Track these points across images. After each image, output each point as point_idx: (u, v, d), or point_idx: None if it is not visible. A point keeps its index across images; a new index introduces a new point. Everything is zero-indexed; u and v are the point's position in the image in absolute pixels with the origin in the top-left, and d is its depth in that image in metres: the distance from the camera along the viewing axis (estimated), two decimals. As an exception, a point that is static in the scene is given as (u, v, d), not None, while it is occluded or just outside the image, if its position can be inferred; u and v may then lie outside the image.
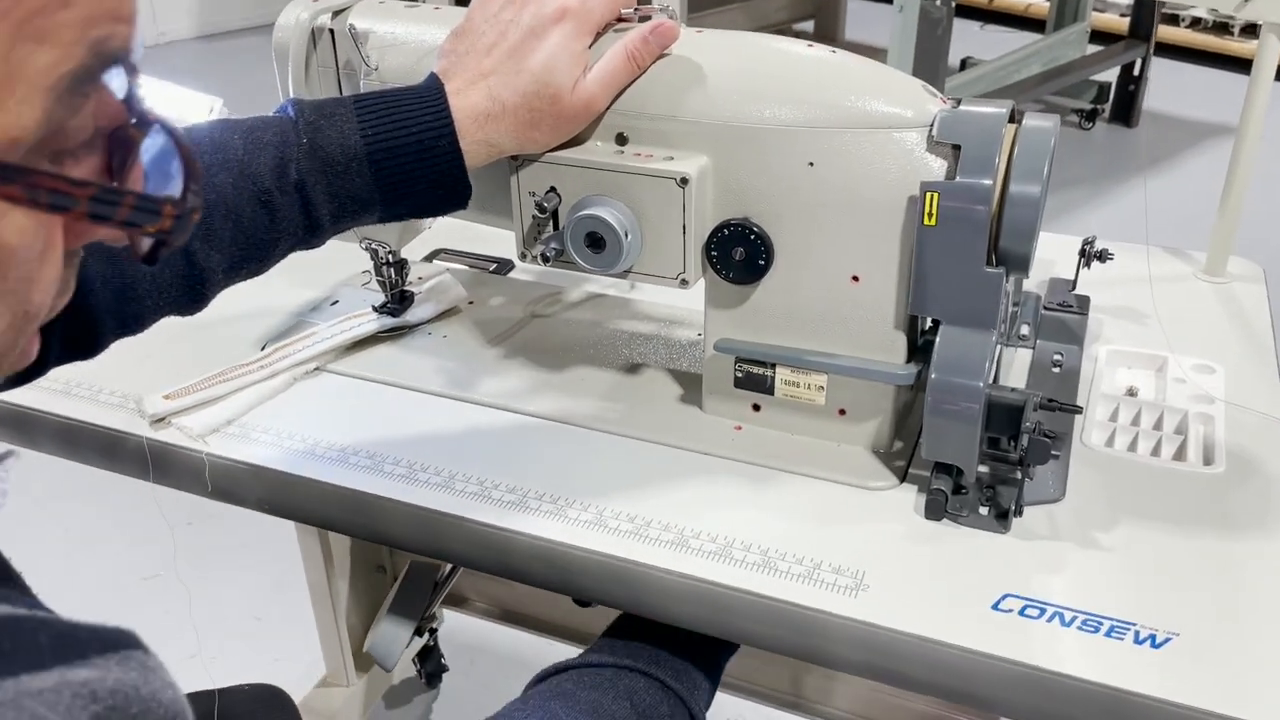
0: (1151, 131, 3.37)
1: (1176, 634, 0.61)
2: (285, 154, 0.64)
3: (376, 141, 0.65)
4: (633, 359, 0.89)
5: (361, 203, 0.66)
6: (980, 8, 4.12)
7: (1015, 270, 0.69)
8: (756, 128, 0.69)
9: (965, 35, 3.71)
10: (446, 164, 0.67)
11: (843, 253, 0.71)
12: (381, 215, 0.68)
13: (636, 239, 0.72)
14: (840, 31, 3.98)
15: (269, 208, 0.64)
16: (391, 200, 0.67)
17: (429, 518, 0.72)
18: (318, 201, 0.65)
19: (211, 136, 0.64)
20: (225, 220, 0.64)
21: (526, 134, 0.69)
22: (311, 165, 0.64)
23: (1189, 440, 0.78)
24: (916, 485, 0.74)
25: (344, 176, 0.65)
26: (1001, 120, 0.67)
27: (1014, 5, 4.09)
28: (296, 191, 0.65)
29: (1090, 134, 3.33)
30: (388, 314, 0.92)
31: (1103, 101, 3.36)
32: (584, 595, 0.71)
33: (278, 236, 0.66)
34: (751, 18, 3.65)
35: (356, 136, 0.65)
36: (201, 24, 4.18)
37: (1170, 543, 0.68)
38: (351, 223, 0.68)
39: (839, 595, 0.65)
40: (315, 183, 0.65)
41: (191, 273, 0.65)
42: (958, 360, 0.69)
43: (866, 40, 3.87)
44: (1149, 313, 0.93)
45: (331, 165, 0.65)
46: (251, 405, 0.83)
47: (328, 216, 0.66)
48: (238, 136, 0.65)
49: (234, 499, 0.79)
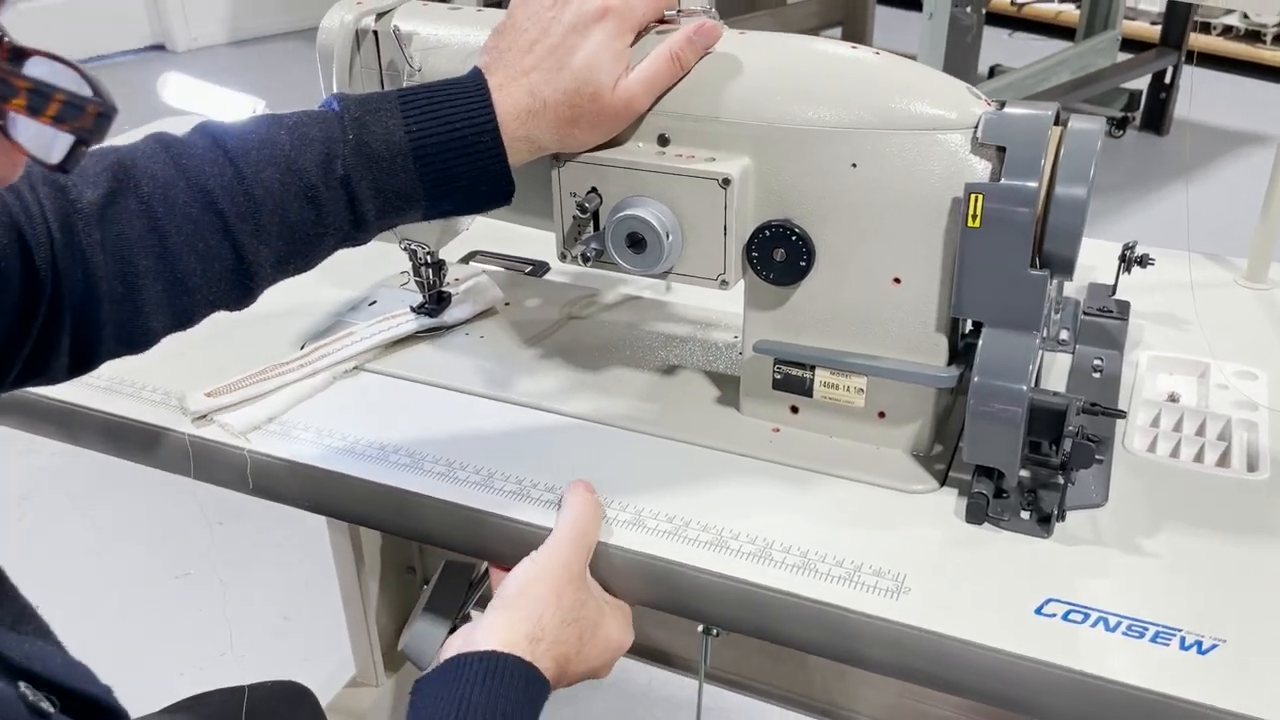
0: (1182, 140, 3.35)
1: (1223, 640, 0.61)
2: (331, 149, 0.65)
3: (421, 137, 0.65)
4: (669, 360, 0.89)
5: (406, 198, 0.67)
6: (1010, 15, 4.11)
7: (1059, 273, 0.69)
8: (799, 129, 0.69)
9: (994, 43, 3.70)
10: (489, 159, 0.67)
11: (885, 254, 0.71)
12: (425, 212, 0.68)
13: (677, 239, 0.72)
14: (868, 38, 3.96)
15: (315, 203, 0.65)
16: (435, 196, 0.67)
17: (469, 515, 0.73)
18: (363, 197, 0.66)
19: (258, 132, 0.65)
20: (273, 215, 0.64)
21: (567, 131, 0.69)
22: (357, 161, 0.65)
23: (1232, 446, 0.77)
24: (957, 489, 0.73)
25: (389, 172, 0.65)
26: (1047, 122, 0.66)
27: (1043, 13, 4.07)
28: (342, 187, 0.65)
29: (1121, 142, 3.31)
30: (425, 314, 0.93)
31: (1133, 109, 3.34)
32: (622, 595, 0.71)
33: (324, 232, 0.66)
34: (780, 23, 3.64)
35: (401, 132, 0.65)
36: (233, 29, 4.22)
37: (1215, 549, 0.68)
38: (396, 219, 0.68)
39: (881, 598, 0.65)
40: (360, 178, 0.65)
41: (240, 267, 0.65)
42: (1000, 363, 0.68)
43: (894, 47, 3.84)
44: (1190, 318, 0.92)
45: (377, 161, 0.65)
46: (292, 403, 0.84)
47: (373, 212, 0.67)
48: (283, 132, 0.65)
49: (275, 496, 0.80)
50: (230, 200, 0.63)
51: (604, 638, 0.67)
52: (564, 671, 0.64)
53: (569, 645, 0.64)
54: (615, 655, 0.70)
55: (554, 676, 0.63)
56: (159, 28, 4.13)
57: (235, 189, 0.63)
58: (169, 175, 0.63)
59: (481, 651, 0.61)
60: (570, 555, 0.66)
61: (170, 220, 0.62)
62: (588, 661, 0.66)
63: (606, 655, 0.68)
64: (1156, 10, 3.62)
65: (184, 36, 4.11)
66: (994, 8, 3.61)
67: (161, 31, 4.13)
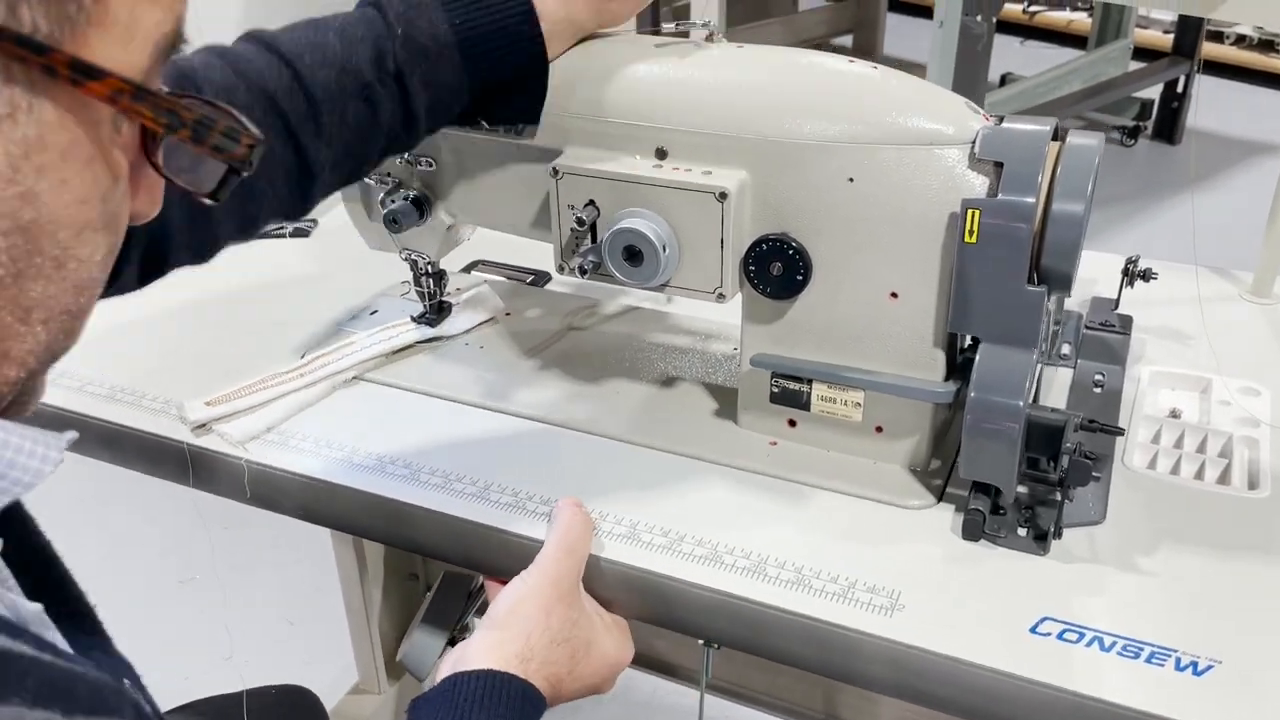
0: (1195, 149, 3.33)
1: (1219, 661, 0.60)
2: (381, 47, 0.66)
3: (464, 29, 0.67)
4: (668, 372, 0.89)
5: (453, 91, 0.68)
6: (1021, 23, 4.09)
7: (1057, 289, 0.68)
8: (796, 143, 0.69)
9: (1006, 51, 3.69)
10: (530, 47, 0.69)
11: (882, 269, 0.71)
12: (465, 110, 0.70)
13: (674, 253, 0.72)
14: (879, 47, 3.96)
15: (370, 101, 0.66)
16: (478, 93, 0.69)
17: (463, 528, 0.73)
18: (414, 91, 0.67)
19: (307, 36, 0.66)
20: (332, 114, 0.65)
21: (603, 5, 0.71)
22: (407, 55, 0.66)
23: (1233, 464, 0.76)
24: (954, 505, 0.73)
25: (436, 65, 0.67)
26: (1045, 138, 0.66)
27: (1055, 21, 4.06)
28: (396, 83, 0.66)
29: (1132, 151, 3.30)
30: (426, 324, 0.93)
31: (1145, 119, 3.33)
32: (616, 609, 0.71)
33: (378, 130, 0.67)
34: (791, 32, 3.65)
35: (445, 25, 0.67)
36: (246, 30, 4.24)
37: (1213, 568, 0.67)
38: (443, 118, 0.70)
39: (874, 615, 0.64)
40: (411, 72, 0.66)
41: (301, 169, 0.66)
42: (997, 379, 0.68)
43: (905, 56, 3.86)
44: (1193, 333, 0.92)
45: (425, 54, 0.66)
46: (291, 413, 0.84)
47: (423, 107, 0.68)
48: (331, 34, 0.66)
49: (272, 505, 0.80)
50: (291, 101, 0.64)
51: (599, 655, 0.67)
52: (557, 691, 0.64)
53: (560, 665, 0.64)
54: (613, 671, 0.70)
55: (548, 696, 0.63)
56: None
57: (295, 90, 0.64)
58: (230, 81, 0.63)
59: (478, 670, 0.61)
60: (559, 573, 0.66)
61: None
62: (582, 679, 0.66)
63: (604, 672, 0.68)
64: (1169, 19, 3.60)
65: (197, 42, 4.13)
66: (1005, 16, 3.61)
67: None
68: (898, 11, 4.25)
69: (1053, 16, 4.07)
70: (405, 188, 0.84)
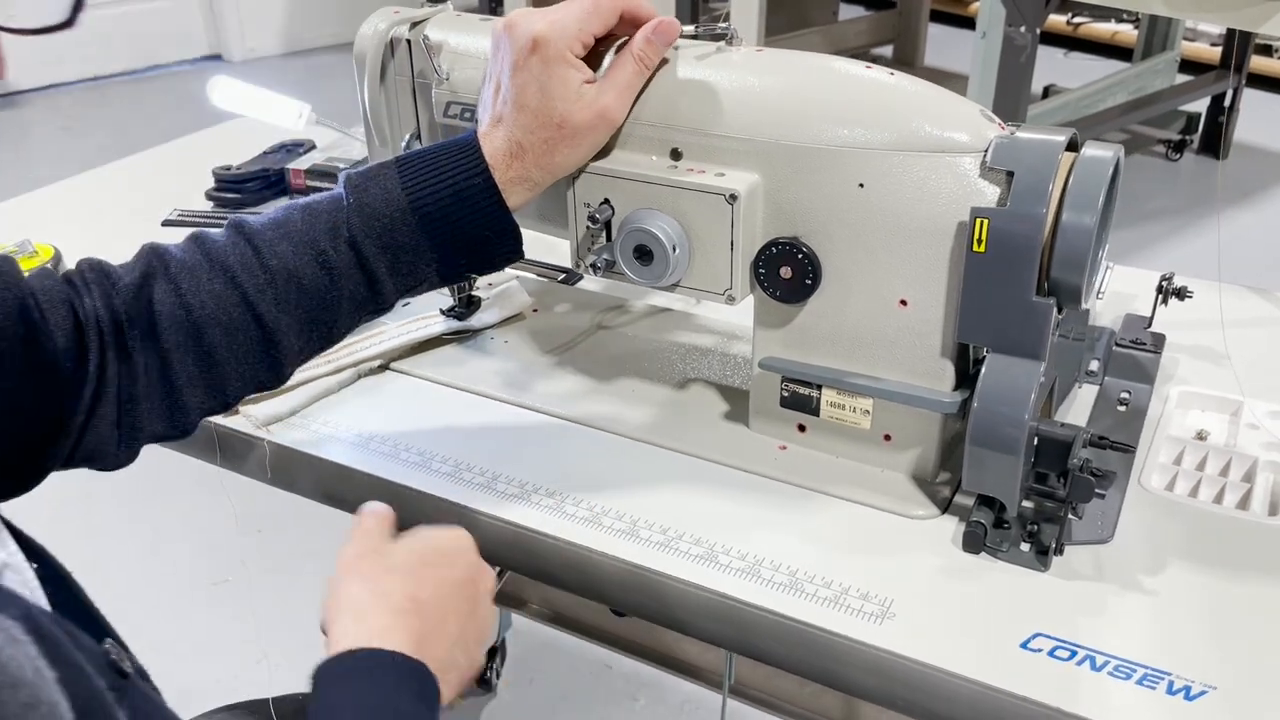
0: (1240, 164, 3.23)
1: (1214, 687, 0.59)
2: (336, 218, 0.68)
3: (416, 190, 0.68)
4: (687, 373, 0.89)
5: (415, 253, 0.69)
6: (1065, 35, 4.00)
7: (1067, 302, 0.67)
8: (808, 147, 0.69)
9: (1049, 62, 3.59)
10: (487, 203, 0.69)
11: (891, 276, 0.70)
12: (440, 269, 0.70)
13: (684, 253, 0.73)
14: (920, 57, 3.90)
15: (327, 268, 0.68)
16: (445, 250, 0.69)
17: (468, 516, 0.74)
18: (371, 255, 0.68)
19: (274, 217, 0.69)
20: (289, 283, 0.67)
21: (551, 160, 0.70)
22: (360, 221, 0.68)
23: (1255, 489, 0.74)
24: (958, 517, 0.72)
25: (391, 229, 0.68)
26: (1057, 148, 0.65)
27: (1100, 33, 3.95)
28: (350, 249, 0.68)
29: (1178, 165, 3.21)
30: (454, 317, 0.95)
31: (1191, 132, 3.24)
32: (611, 603, 0.72)
33: (340, 296, 0.69)
34: (830, 41, 3.61)
35: (398, 190, 0.68)
36: (288, 40, 4.33)
37: (1218, 592, 0.65)
38: (412, 279, 0.70)
39: (863, 621, 0.64)
40: (365, 237, 0.68)
41: (265, 339, 0.68)
42: (1003, 390, 0.67)
43: (947, 66, 3.79)
44: (1227, 354, 0.89)
45: (378, 218, 0.68)
46: (316, 397, 0.86)
47: (385, 271, 0.69)
48: (296, 212, 0.69)
49: (291, 486, 0.82)
50: (249, 274, 0.67)
51: (433, 588, 0.60)
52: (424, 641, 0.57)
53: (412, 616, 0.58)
54: (468, 590, 0.63)
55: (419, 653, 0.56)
56: (215, 39, 4.27)
57: (253, 264, 0.67)
58: (195, 259, 0.67)
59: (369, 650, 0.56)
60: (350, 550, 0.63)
61: (195, 296, 0.66)
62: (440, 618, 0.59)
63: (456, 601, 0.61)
64: (1216, 32, 3.49)
65: (240, 47, 4.25)
66: (1049, 27, 3.53)
67: (218, 42, 4.27)
68: (939, 22, 4.18)
69: (1097, 28, 3.97)
70: (433, 182, 0.86)
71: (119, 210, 1.21)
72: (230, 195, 1.19)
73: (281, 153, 1.23)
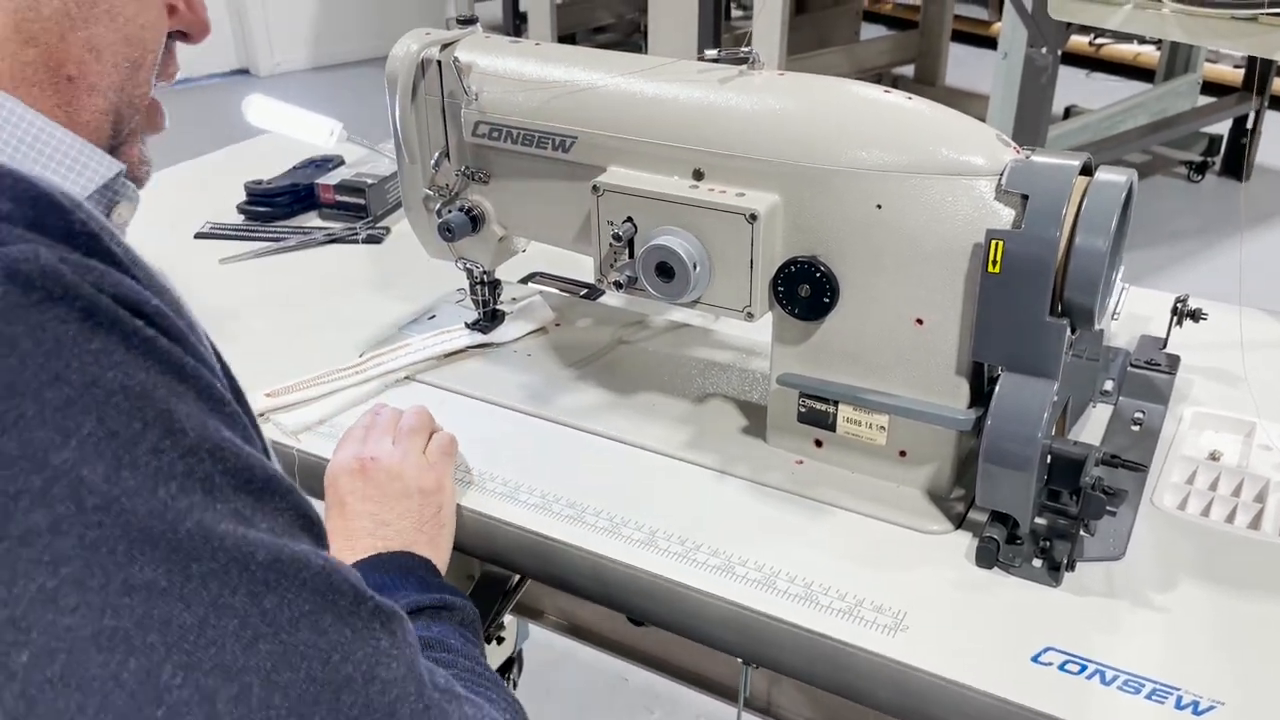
0: (1262, 186, 3.22)
1: (1221, 703, 0.60)
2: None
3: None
4: (706, 388, 0.91)
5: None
6: (1087, 56, 4.01)
7: (1080, 323, 0.69)
8: (826, 169, 0.71)
9: (1070, 83, 3.60)
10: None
11: (907, 295, 0.72)
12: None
13: (705, 270, 0.75)
14: (941, 77, 3.90)
15: None
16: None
17: (489, 525, 0.76)
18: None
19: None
20: None
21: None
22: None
23: (1267, 509, 0.75)
24: (972, 532, 0.74)
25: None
26: (1072, 172, 0.67)
27: (1122, 54, 3.96)
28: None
29: (1199, 187, 3.21)
30: (478, 330, 0.97)
31: (1213, 154, 3.24)
32: (630, 612, 0.73)
33: None
34: (852, 61, 3.62)
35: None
36: (315, 55, 4.40)
37: (1229, 610, 0.66)
38: None
39: (877, 633, 0.65)
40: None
41: None
42: (1016, 408, 0.68)
43: (968, 86, 3.80)
44: (1243, 376, 0.90)
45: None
46: (344, 407, 0.88)
47: None
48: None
49: (317, 494, 0.84)
50: None
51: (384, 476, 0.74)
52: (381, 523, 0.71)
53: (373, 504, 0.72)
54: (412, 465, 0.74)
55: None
56: (244, 53, 4.33)
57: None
58: None
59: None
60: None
61: None
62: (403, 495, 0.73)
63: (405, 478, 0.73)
64: (1239, 54, 3.50)
65: (268, 62, 4.31)
66: (1071, 47, 3.54)
67: (247, 57, 4.33)
68: (961, 42, 4.19)
69: (1119, 49, 3.97)
70: (460, 199, 0.88)
71: (152, 222, 1.23)
72: (261, 209, 1.22)
73: (311, 168, 1.26)
